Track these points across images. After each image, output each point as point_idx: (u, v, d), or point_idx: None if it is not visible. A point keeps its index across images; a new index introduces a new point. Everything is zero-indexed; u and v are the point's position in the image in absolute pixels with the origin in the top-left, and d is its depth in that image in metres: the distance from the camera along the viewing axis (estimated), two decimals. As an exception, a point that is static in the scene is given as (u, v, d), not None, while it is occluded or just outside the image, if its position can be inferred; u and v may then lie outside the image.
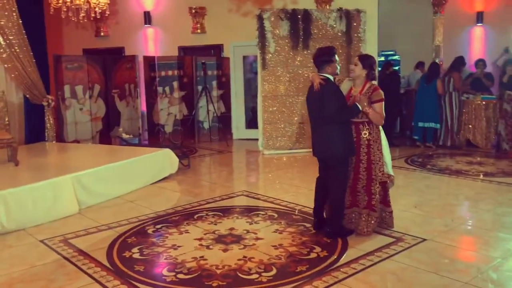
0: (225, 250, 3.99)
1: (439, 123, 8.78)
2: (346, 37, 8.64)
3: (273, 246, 4.05)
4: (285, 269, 3.59)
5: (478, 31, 11.63)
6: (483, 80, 8.99)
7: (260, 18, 8.38)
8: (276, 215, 4.89)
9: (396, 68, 10.60)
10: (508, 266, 3.63)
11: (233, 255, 3.87)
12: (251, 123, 10.25)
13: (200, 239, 4.26)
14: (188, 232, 4.47)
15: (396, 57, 11.40)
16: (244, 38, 9.75)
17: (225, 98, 10.35)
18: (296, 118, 8.61)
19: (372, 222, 4.13)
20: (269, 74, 8.47)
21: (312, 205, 4.43)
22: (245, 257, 3.82)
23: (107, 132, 9.50)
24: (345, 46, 8.63)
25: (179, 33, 10.49)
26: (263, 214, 4.93)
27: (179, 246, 4.10)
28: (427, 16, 11.74)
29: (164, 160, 6.74)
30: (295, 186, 6.17)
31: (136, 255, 3.94)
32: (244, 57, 10.19)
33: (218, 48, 10.40)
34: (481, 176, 6.54)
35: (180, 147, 8.67)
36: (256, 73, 10.52)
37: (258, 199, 5.60)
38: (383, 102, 3.96)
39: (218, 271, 3.57)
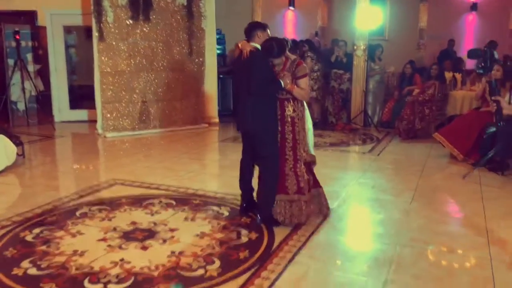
0: (144, 248, 3.44)
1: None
2: (187, 11, 8.29)
3: (196, 235, 3.66)
4: (227, 258, 3.28)
5: (290, 14, 12.64)
6: (310, 60, 9.78)
7: (94, -17, 7.38)
8: (174, 202, 4.42)
9: (220, 47, 10.63)
10: (411, 225, 4.04)
11: (159, 252, 3.36)
12: (76, 103, 9.11)
13: (104, 240, 3.57)
14: (82, 233, 3.70)
15: (219, 36, 11.45)
16: (64, 5, 8.54)
17: (44, 74, 8.87)
18: (139, 97, 7.94)
19: (304, 207, 3.77)
20: (107, 47, 7.57)
21: (201, 186, 4.18)
22: (173, 252, 3.36)
23: None
24: (186, 20, 8.29)
25: (-24, -6, 8.50)
26: (158, 203, 4.40)
27: (83, 252, 3.35)
28: (247, -3, 12.16)
29: (-3, 149, 5.44)
30: (170, 169, 5.68)
31: (33, 271, 3.08)
32: (65, 28, 8.90)
33: (31, 15, 8.78)
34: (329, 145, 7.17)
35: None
36: (73, 46, 9.42)
37: (139, 187, 4.96)
38: (307, 77, 3.79)
39: (155, 273, 3.05)
